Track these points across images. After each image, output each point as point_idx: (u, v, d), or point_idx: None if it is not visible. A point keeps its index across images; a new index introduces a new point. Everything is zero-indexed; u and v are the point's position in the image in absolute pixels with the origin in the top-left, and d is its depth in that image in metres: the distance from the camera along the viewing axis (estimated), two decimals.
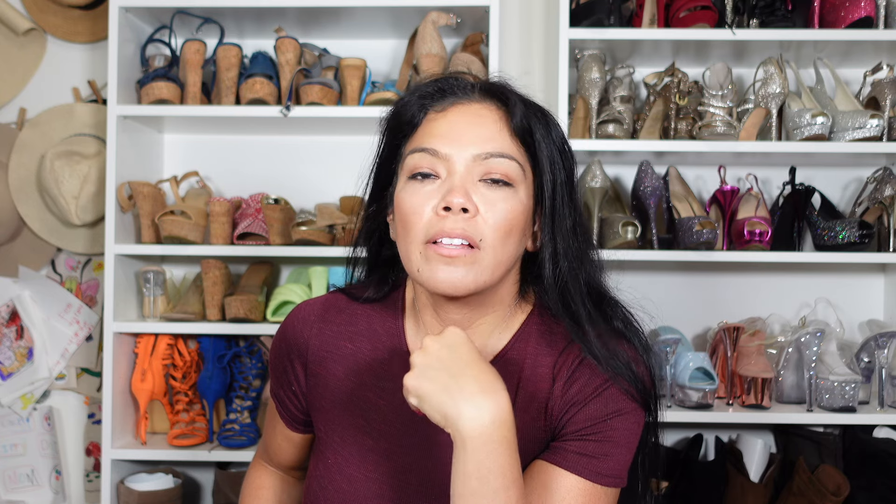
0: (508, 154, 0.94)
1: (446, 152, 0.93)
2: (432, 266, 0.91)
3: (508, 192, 0.93)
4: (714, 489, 1.92)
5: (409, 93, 1.00)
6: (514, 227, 0.94)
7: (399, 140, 0.99)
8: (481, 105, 0.97)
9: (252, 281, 2.06)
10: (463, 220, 0.90)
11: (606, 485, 0.94)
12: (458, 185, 0.91)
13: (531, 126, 0.96)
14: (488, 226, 0.91)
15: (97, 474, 2.22)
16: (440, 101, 0.98)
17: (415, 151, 0.95)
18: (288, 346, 1.08)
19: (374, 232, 1.06)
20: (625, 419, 0.94)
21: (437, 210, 0.91)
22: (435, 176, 0.94)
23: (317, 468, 1.06)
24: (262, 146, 2.23)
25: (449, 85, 0.99)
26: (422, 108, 0.98)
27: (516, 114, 0.95)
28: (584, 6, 1.96)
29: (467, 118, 0.95)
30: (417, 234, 0.92)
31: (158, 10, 2.02)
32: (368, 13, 2.02)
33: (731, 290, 2.18)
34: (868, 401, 1.97)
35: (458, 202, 0.90)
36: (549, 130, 0.98)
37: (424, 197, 0.93)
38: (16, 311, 2.23)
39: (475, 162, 0.93)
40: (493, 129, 0.95)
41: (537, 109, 0.99)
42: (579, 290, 0.97)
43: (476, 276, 0.91)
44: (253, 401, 2.04)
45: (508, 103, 0.96)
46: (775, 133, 1.99)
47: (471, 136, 0.94)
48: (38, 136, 2.20)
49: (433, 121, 0.96)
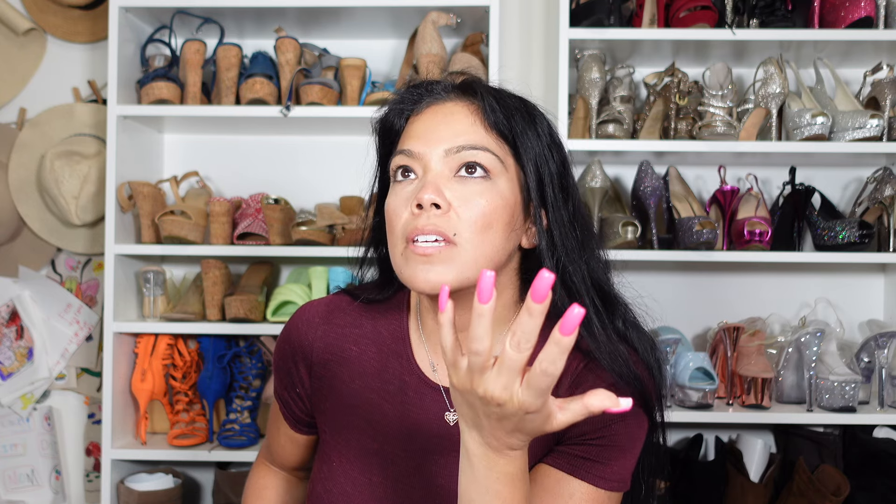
0: (481, 146, 0.93)
1: (420, 151, 0.93)
2: (412, 266, 0.90)
3: (485, 185, 0.92)
4: (714, 489, 1.93)
5: (390, 102, 1.01)
6: (494, 220, 0.92)
7: (389, 149, 1.01)
8: (454, 103, 0.97)
9: (252, 281, 2.06)
10: (435, 216, 0.90)
11: (610, 489, 0.93)
12: (430, 181, 0.91)
13: (509, 119, 0.95)
14: (462, 220, 0.90)
15: (97, 474, 2.22)
16: (417, 105, 0.99)
17: (395, 154, 0.96)
18: (292, 348, 1.07)
19: (381, 242, 1.05)
20: (628, 423, 0.93)
21: (411, 209, 0.91)
22: (414, 176, 0.94)
23: (321, 470, 1.05)
24: (262, 146, 2.23)
25: (426, 89, 1.00)
26: (401, 115, 0.99)
27: (488, 107, 0.95)
28: (584, 6, 1.96)
29: (440, 117, 0.96)
30: (398, 234, 0.92)
31: (158, 10, 2.02)
32: (368, 13, 2.02)
33: (731, 290, 2.18)
34: (868, 401, 1.97)
35: (428, 198, 0.89)
36: (532, 122, 0.97)
37: (403, 197, 0.93)
38: (16, 311, 2.23)
39: (447, 156, 0.92)
40: (466, 124, 0.94)
41: (518, 102, 0.98)
42: (584, 282, 0.95)
43: (457, 272, 0.90)
44: (253, 401, 2.04)
45: (483, 99, 0.96)
46: (775, 133, 1.99)
47: (442, 132, 0.94)
48: (38, 136, 2.21)
49: (411, 124, 0.97)
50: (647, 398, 0.95)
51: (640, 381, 0.94)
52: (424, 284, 0.90)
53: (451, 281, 0.90)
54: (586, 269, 0.97)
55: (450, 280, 0.89)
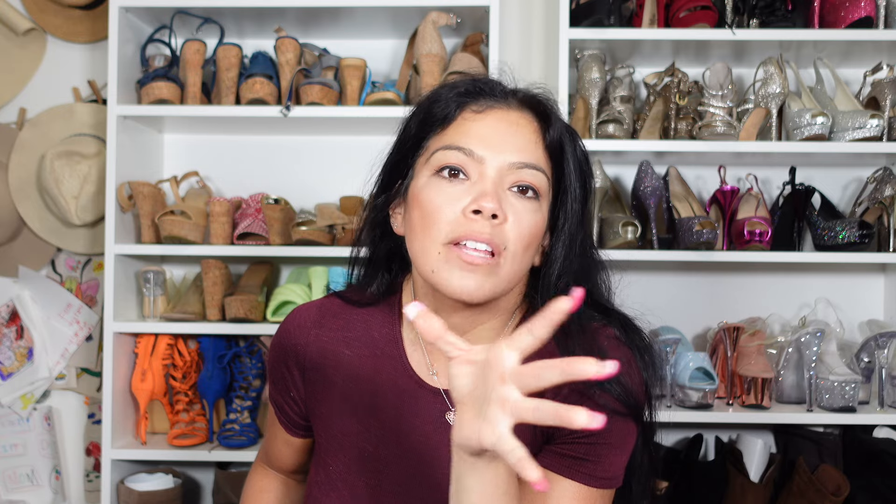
0: (541, 167, 0.93)
1: (481, 154, 0.92)
2: (451, 269, 0.89)
3: (535, 205, 0.93)
4: (714, 489, 1.92)
5: (445, 88, 0.98)
6: (535, 239, 0.93)
7: (426, 133, 0.97)
8: (520, 114, 0.96)
9: (252, 281, 2.06)
10: (491, 225, 0.89)
11: (599, 486, 0.93)
12: (492, 189, 0.90)
13: (562, 143, 0.96)
14: (514, 234, 0.90)
15: (97, 474, 2.22)
16: (476, 101, 0.96)
17: (448, 148, 0.93)
18: (285, 352, 1.06)
19: (379, 225, 1.04)
20: (616, 421, 0.92)
21: (465, 212, 0.89)
22: (465, 176, 0.92)
23: (318, 474, 1.05)
24: (262, 146, 2.23)
25: (488, 86, 0.97)
26: (458, 106, 0.96)
27: (554, 129, 0.95)
28: (584, 6, 1.96)
29: (505, 125, 0.94)
30: (439, 233, 0.90)
31: (158, 10, 2.02)
32: (368, 13, 2.02)
33: (731, 290, 2.18)
34: (868, 401, 1.97)
35: (490, 207, 0.88)
36: (575, 147, 0.98)
37: (451, 196, 0.91)
38: (16, 311, 2.23)
39: (509, 169, 0.92)
40: (530, 140, 0.94)
41: (567, 126, 0.99)
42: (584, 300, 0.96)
43: (493, 285, 0.90)
44: (253, 401, 2.04)
45: (549, 118, 0.96)
46: (775, 133, 1.99)
47: (508, 142, 0.93)
48: (38, 136, 2.20)
49: (469, 120, 0.95)
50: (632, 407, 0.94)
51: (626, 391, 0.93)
52: (460, 291, 0.89)
53: (487, 293, 0.90)
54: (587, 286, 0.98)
55: (486, 292, 0.90)
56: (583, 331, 0.95)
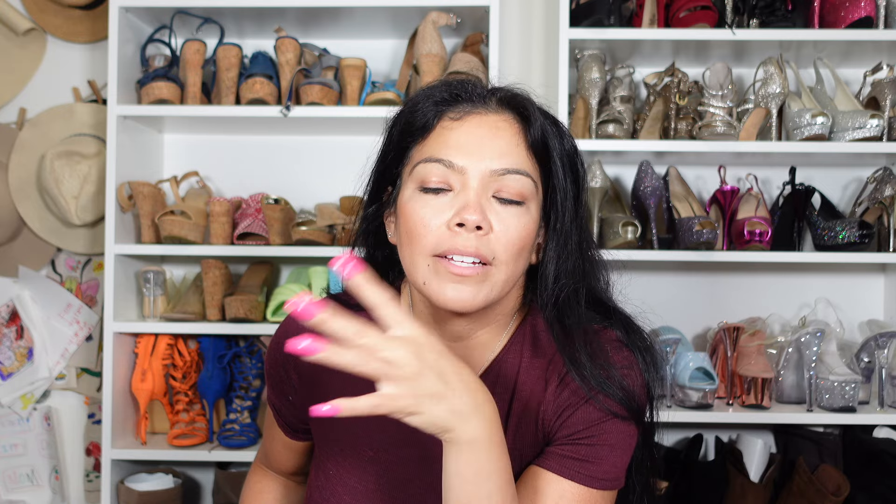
0: (524, 171, 0.91)
1: (461, 164, 0.90)
2: (441, 281, 0.88)
3: (521, 210, 0.91)
4: (714, 489, 1.92)
5: (422, 95, 0.96)
6: (526, 244, 0.92)
7: (407, 142, 0.96)
8: (499, 116, 0.94)
9: (252, 281, 2.06)
10: (476, 237, 0.88)
11: (600, 488, 0.92)
12: (474, 201, 0.88)
13: (547, 140, 0.93)
14: (501, 244, 0.89)
15: (97, 474, 2.22)
16: (454, 108, 0.94)
17: (428, 161, 0.91)
18: (282, 356, 1.05)
19: (372, 233, 1.03)
20: (617, 422, 0.92)
21: (449, 225, 0.88)
22: (448, 188, 0.91)
23: (317, 478, 1.04)
24: (262, 146, 2.23)
25: (465, 91, 0.95)
26: (436, 114, 0.94)
27: (535, 128, 0.93)
28: (584, 6, 1.96)
29: (484, 129, 0.92)
30: (425, 246, 0.89)
31: (158, 10, 2.02)
32: (368, 13, 2.02)
33: (731, 290, 2.18)
34: (868, 401, 1.97)
35: (474, 219, 0.87)
36: (562, 143, 0.95)
37: (436, 209, 0.90)
38: (16, 311, 2.23)
39: (491, 177, 0.90)
40: (511, 143, 0.92)
41: (551, 120, 0.96)
42: (576, 304, 0.94)
43: (487, 294, 0.89)
44: (253, 401, 2.04)
45: (529, 117, 0.93)
46: (775, 133, 1.99)
47: (487, 148, 0.91)
48: (38, 136, 2.20)
49: (448, 129, 0.93)
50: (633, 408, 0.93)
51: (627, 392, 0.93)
52: (453, 302, 0.88)
53: (480, 302, 0.89)
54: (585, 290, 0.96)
55: (479, 301, 0.89)
56: (584, 333, 0.94)
